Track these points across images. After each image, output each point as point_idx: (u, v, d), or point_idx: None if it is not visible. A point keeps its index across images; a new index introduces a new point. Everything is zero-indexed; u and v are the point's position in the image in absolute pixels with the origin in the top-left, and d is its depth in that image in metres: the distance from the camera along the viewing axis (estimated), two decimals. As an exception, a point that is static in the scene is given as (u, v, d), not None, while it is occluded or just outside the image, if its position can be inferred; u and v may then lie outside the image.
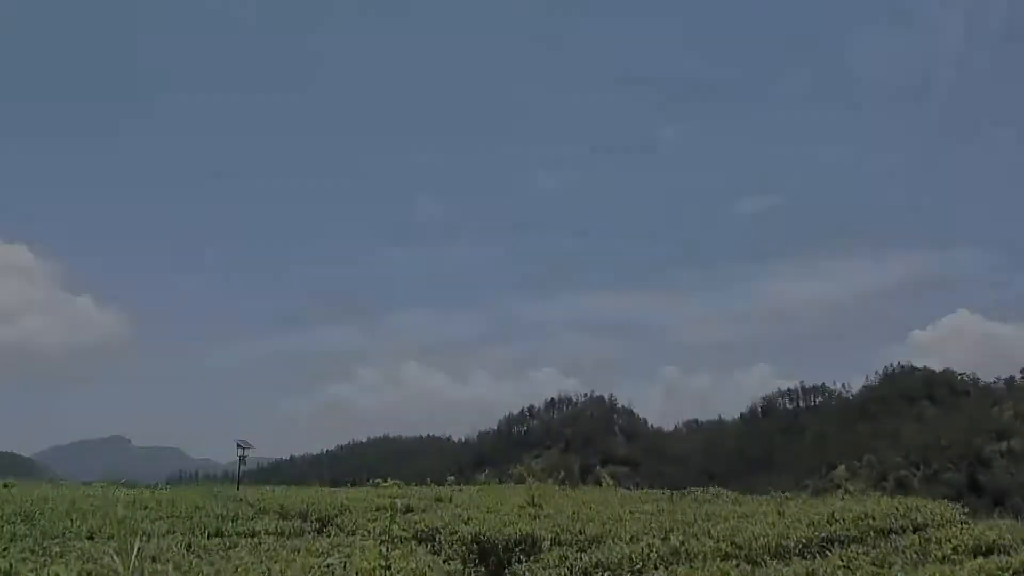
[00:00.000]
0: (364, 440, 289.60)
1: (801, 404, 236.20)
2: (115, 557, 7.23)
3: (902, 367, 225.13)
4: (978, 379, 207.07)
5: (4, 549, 8.54)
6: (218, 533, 12.13)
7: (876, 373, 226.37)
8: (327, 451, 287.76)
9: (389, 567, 6.18)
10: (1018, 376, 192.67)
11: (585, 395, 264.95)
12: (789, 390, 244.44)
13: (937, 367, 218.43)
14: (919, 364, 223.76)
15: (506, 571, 10.31)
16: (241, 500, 18.65)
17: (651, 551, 9.62)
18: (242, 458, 32.43)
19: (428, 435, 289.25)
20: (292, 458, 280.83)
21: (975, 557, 8.05)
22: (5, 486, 25.55)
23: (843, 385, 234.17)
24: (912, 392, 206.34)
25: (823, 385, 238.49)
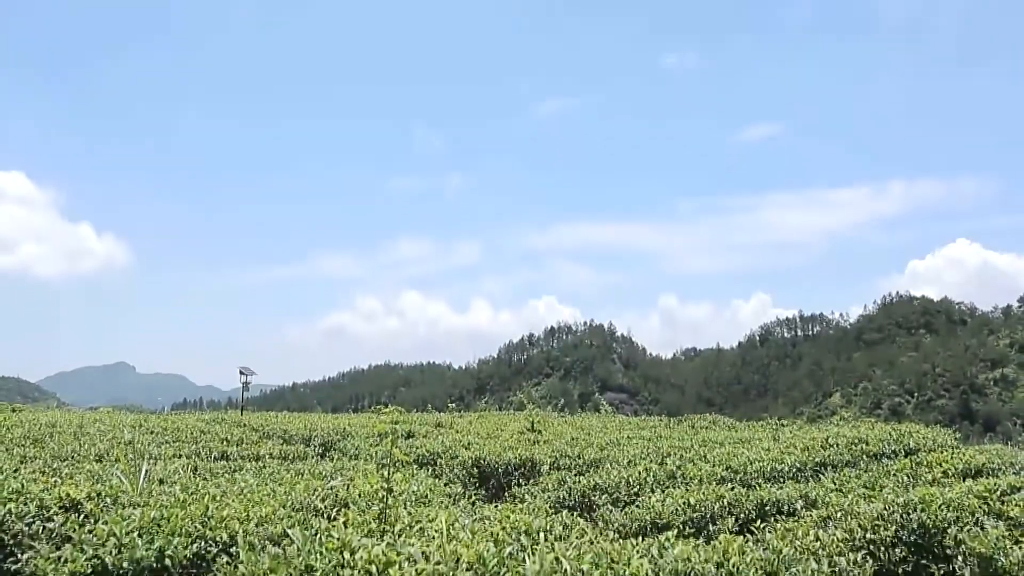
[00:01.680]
0: (365, 368, 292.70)
1: (799, 333, 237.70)
2: (123, 479, 7.39)
3: (900, 296, 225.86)
4: (976, 308, 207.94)
5: (15, 470, 8.69)
6: (223, 457, 12.33)
7: (874, 302, 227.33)
8: (329, 378, 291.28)
9: (391, 490, 6.30)
10: (1015, 305, 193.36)
11: (584, 324, 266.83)
12: (787, 319, 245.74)
13: (935, 296, 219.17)
14: (917, 293, 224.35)
15: (506, 494, 10.53)
16: (245, 425, 18.92)
17: (648, 475, 9.80)
18: (245, 385, 32.82)
19: (428, 363, 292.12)
20: (294, 385, 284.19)
21: (964, 480, 8.23)
22: (13, 410, 25.91)
23: (841, 314, 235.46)
24: (909, 321, 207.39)
25: (821, 314, 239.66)
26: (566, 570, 4.05)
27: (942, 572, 5.91)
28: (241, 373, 32.44)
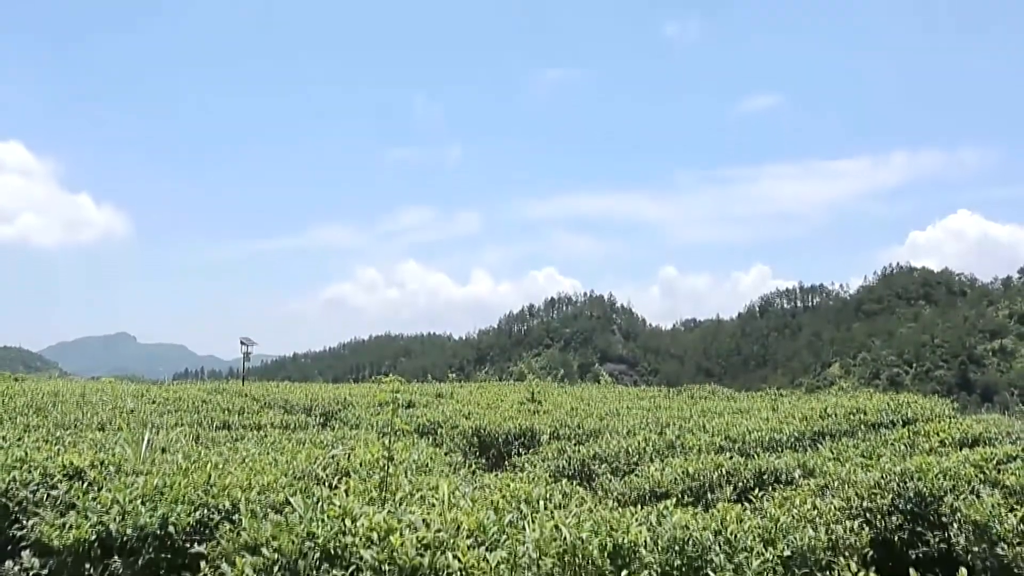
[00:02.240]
0: (365, 338, 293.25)
1: (799, 304, 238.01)
2: (126, 447, 7.44)
3: (900, 267, 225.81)
4: (975, 279, 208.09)
5: (18, 439, 8.75)
6: (225, 426, 12.42)
7: (874, 273, 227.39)
8: (329, 349, 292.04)
9: (392, 458, 6.35)
10: (1015, 276, 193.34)
11: (584, 294, 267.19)
12: (787, 290, 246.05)
13: (935, 267, 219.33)
14: (917, 264, 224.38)
15: (506, 463, 10.60)
16: (246, 395, 19.03)
17: (647, 444, 9.87)
18: (246, 355, 32.93)
19: (428, 333, 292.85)
20: (295, 355, 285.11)
21: (961, 449, 8.28)
22: (16, 379, 26.01)
23: (841, 285, 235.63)
24: (909, 292, 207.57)
25: (821, 285, 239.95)
26: (565, 538, 4.10)
27: (937, 540, 5.97)
28: (242, 343, 32.53)
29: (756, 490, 6.67)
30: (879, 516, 6.14)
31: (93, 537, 4.80)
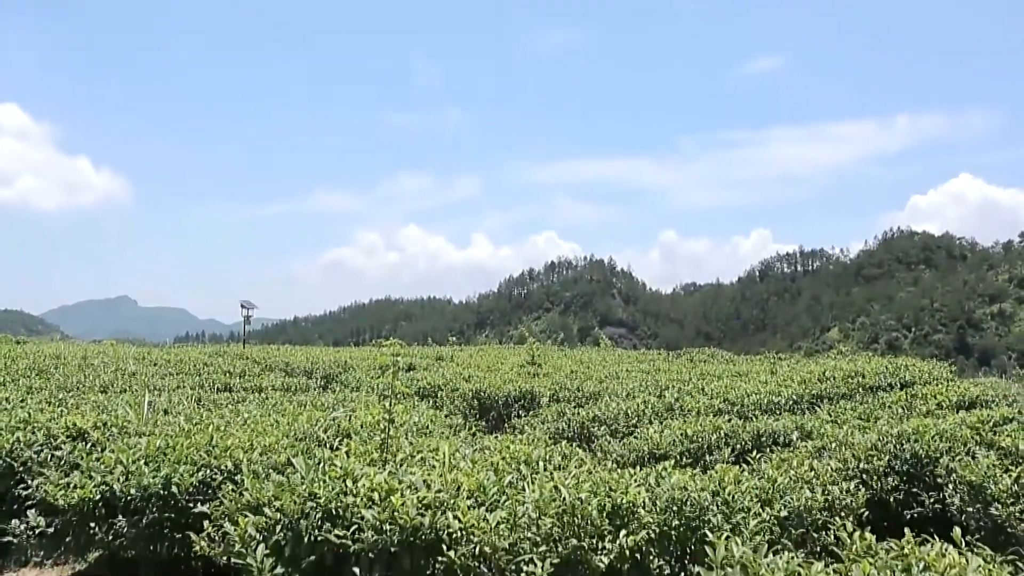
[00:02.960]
0: (366, 302, 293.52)
1: (799, 268, 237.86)
2: (128, 409, 7.49)
3: (901, 231, 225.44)
4: (976, 243, 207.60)
5: (21, 401, 8.80)
6: (226, 388, 12.47)
7: (875, 238, 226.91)
8: (330, 312, 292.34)
9: (392, 420, 6.39)
10: (1016, 240, 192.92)
11: (584, 258, 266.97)
12: (787, 254, 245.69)
13: (936, 232, 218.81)
14: (918, 229, 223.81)
15: (506, 425, 10.67)
16: (247, 358, 19.09)
17: (646, 407, 9.92)
18: (247, 318, 32.98)
19: (429, 297, 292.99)
20: (296, 319, 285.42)
21: (958, 412, 8.33)
22: (18, 342, 26.09)
23: (841, 250, 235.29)
24: (909, 256, 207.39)
25: (821, 250, 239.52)
26: (565, 498, 4.14)
27: (932, 500, 6.04)
28: (243, 307, 32.57)
29: (754, 452, 6.72)
30: (875, 477, 6.20)
31: (97, 497, 4.85)
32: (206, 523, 4.59)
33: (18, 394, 9.72)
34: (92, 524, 4.82)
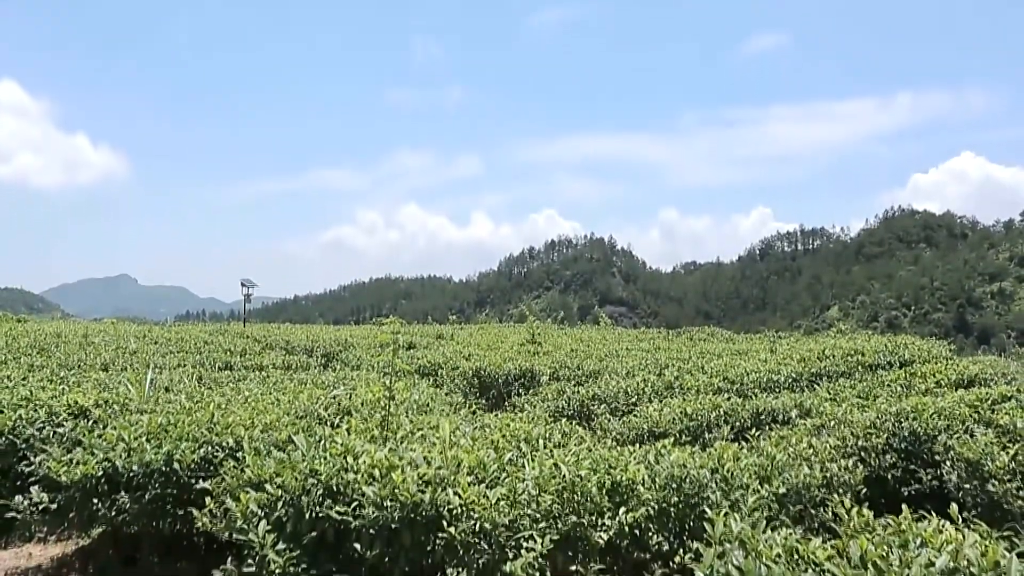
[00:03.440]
0: (366, 281, 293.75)
1: (799, 247, 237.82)
2: (130, 387, 7.51)
3: (902, 210, 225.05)
4: (977, 222, 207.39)
5: (23, 378, 8.83)
6: (227, 366, 12.50)
7: (875, 216, 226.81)
8: (330, 291, 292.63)
9: (393, 398, 6.41)
10: (1017, 219, 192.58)
11: (585, 237, 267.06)
12: (788, 233, 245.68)
13: (937, 210, 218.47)
14: (919, 207, 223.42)
15: (506, 403, 10.71)
16: (248, 337, 19.12)
17: (646, 385, 9.95)
18: (247, 297, 33.04)
19: (429, 276, 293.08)
20: (296, 297, 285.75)
21: (957, 390, 8.35)
22: (19, 320, 26.14)
23: (842, 228, 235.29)
24: (910, 235, 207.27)
25: (822, 228, 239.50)
26: (564, 475, 4.16)
27: (930, 477, 6.07)
28: (243, 285, 32.61)
29: (753, 430, 6.75)
30: (873, 455, 6.23)
31: (100, 473, 4.88)
32: (208, 499, 4.62)
33: (19, 372, 9.75)
34: (95, 500, 4.85)
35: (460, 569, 3.69)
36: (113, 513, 4.84)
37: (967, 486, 5.48)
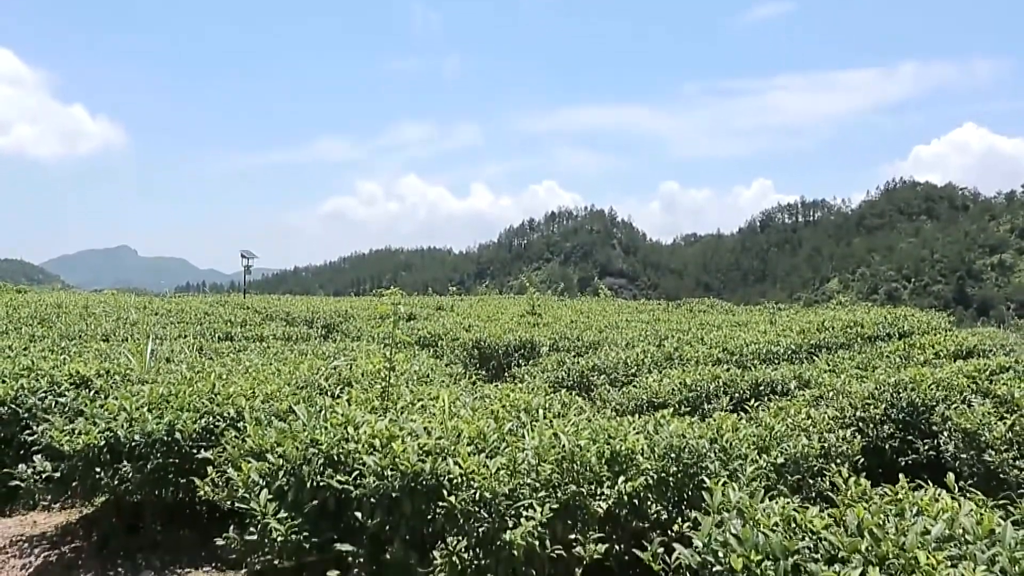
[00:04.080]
0: (366, 252, 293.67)
1: (800, 219, 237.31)
2: (130, 357, 7.53)
3: (903, 182, 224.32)
4: (979, 193, 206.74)
5: (24, 348, 8.85)
6: (227, 337, 12.52)
7: (877, 188, 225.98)
8: (330, 262, 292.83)
9: (393, 368, 6.43)
10: (1019, 190, 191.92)
11: (585, 209, 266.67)
12: (789, 205, 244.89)
13: (939, 182, 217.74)
14: (921, 179, 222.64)
15: (506, 374, 10.74)
16: (248, 308, 19.14)
17: (645, 356, 9.97)
18: (247, 268, 33.04)
19: (428, 247, 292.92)
20: (296, 269, 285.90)
21: (955, 361, 8.37)
22: (19, 291, 26.16)
23: (843, 200, 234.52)
24: (911, 207, 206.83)
25: (823, 200, 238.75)
26: (564, 445, 4.18)
27: (927, 447, 6.11)
28: (243, 256, 32.60)
29: (752, 400, 6.77)
30: (871, 425, 6.26)
31: (102, 443, 4.91)
32: (210, 469, 4.65)
33: (21, 342, 9.77)
34: (97, 469, 4.88)
35: (460, 537, 3.73)
36: (116, 482, 4.88)
37: (964, 456, 5.52)
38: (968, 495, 3.45)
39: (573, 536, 3.98)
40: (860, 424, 6.26)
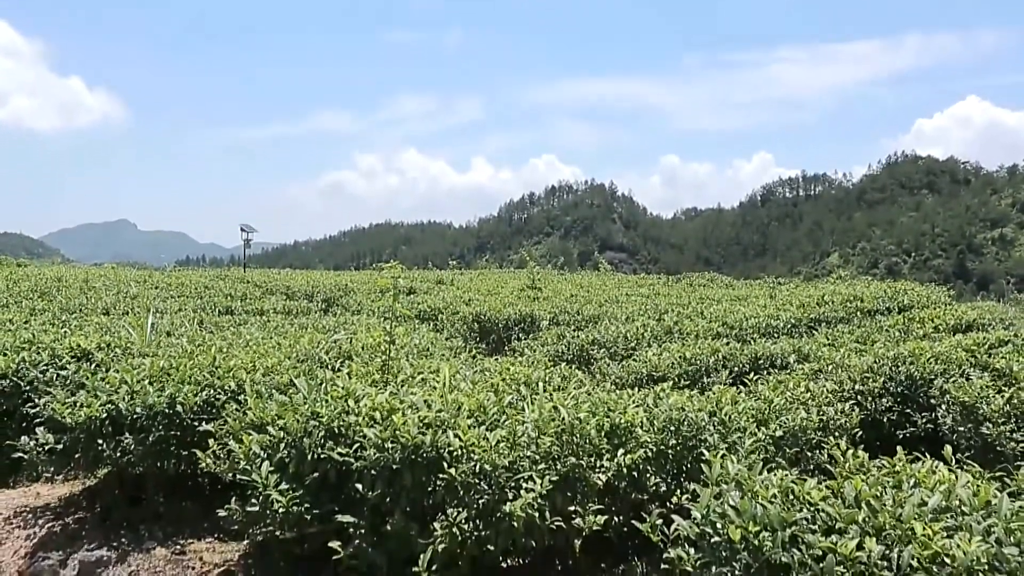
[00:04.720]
0: (366, 226, 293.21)
1: (800, 193, 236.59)
2: (131, 331, 7.54)
3: (905, 156, 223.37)
4: (981, 167, 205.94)
5: (25, 321, 8.87)
6: (228, 311, 12.53)
7: (878, 162, 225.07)
8: (329, 236, 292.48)
9: (393, 342, 6.44)
10: (1021, 164, 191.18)
11: (585, 183, 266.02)
12: (789, 179, 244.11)
13: (941, 156, 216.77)
14: (923, 153, 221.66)
15: (506, 348, 10.77)
16: (248, 282, 19.14)
17: (645, 330, 9.98)
18: (247, 242, 33.01)
19: (429, 221, 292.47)
20: (295, 243, 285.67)
21: (955, 335, 8.39)
22: (19, 265, 26.15)
23: (844, 174, 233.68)
24: (912, 181, 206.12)
25: (824, 174, 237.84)
26: (564, 418, 4.20)
27: (925, 420, 6.13)
28: (242, 230, 32.55)
29: (751, 374, 6.79)
30: (870, 398, 6.29)
31: (104, 415, 4.93)
32: (211, 441, 4.67)
33: (22, 315, 9.79)
34: (100, 441, 4.90)
35: (460, 509, 3.76)
36: (118, 454, 4.90)
37: (962, 429, 5.54)
38: (965, 467, 3.47)
39: (572, 508, 4.01)
40: (859, 397, 6.28)
